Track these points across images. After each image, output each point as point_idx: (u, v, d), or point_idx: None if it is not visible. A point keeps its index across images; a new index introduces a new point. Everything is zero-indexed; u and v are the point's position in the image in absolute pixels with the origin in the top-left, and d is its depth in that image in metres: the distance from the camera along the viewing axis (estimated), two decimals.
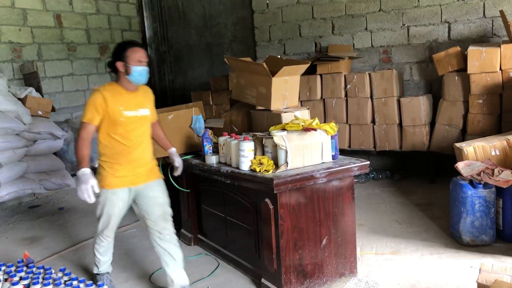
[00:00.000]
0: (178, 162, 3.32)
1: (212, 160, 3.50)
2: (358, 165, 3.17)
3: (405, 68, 5.89)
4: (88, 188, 2.77)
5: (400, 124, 5.55)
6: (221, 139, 3.45)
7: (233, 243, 3.56)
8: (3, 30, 5.96)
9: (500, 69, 4.70)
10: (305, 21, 6.51)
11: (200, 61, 7.93)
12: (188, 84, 8.09)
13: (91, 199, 2.80)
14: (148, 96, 3.12)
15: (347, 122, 5.87)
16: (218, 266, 3.58)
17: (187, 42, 8.02)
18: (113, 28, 7.55)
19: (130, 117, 2.94)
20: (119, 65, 2.89)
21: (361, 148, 5.79)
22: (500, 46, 4.69)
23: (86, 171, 2.81)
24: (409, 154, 5.58)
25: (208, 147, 3.57)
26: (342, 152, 3.73)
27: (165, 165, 4.08)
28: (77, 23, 6.94)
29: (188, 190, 3.97)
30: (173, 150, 3.33)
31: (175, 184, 3.97)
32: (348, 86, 5.79)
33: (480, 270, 2.50)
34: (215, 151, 3.58)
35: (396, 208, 4.68)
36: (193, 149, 3.91)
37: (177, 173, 3.34)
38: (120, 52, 2.91)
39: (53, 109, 5.78)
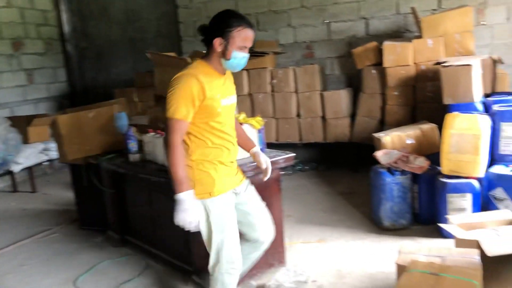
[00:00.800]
0: (266, 162, 2.64)
1: (136, 158, 3.41)
2: (284, 157, 3.23)
3: (327, 63, 6.09)
4: (194, 220, 2.25)
5: (324, 117, 5.74)
6: (146, 136, 3.37)
7: (163, 242, 3.51)
8: None
9: (413, 62, 5.00)
10: None
11: (124, 57, 7.69)
12: (111, 81, 7.81)
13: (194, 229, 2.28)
14: (232, 80, 2.51)
15: (274, 116, 5.97)
16: (147, 266, 3.51)
17: (109, 38, 7.73)
18: (27, 22, 7.10)
19: (225, 106, 2.35)
20: (217, 42, 2.22)
21: (288, 141, 5.92)
22: (412, 41, 4.99)
23: (191, 194, 2.22)
24: (332, 145, 5.80)
25: (132, 145, 3.48)
26: (270, 145, 3.78)
27: (88, 165, 3.93)
28: None
29: (114, 191, 3.84)
30: (257, 149, 2.69)
31: (98, 185, 3.83)
32: (274, 81, 5.89)
33: (399, 252, 2.66)
34: (140, 149, 3.50)
35: (321, 197, 4.85)
36: (117, 148, 3.79)
37: (267, 177, 2.67)
38: (223, 26, 2.22)
39: None
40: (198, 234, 2.97)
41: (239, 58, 2.27)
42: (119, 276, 3.37)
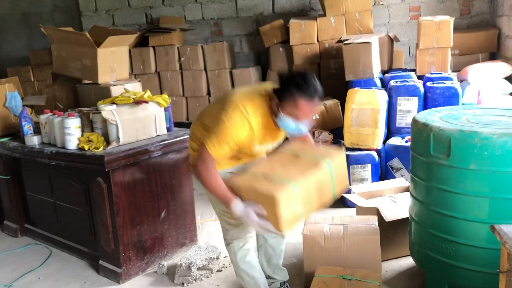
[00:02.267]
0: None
1: (33, 141, 3.17)
2: None
3: (236, 41, 6.07)
4: (256, 218, 2.03)
5: None
6: (43, 117, 3.14)
7: (66, 229, 3.32)
8: None
9: (318, 40, 5.15)
10: None
11: (16, 33, 7.05)
12: (3, 59, 7.14)
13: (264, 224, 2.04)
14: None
15: (183, 95, 5.85)
16: (50, 254, 3.32)
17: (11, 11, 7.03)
18: None
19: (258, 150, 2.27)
20: (279, 103, 2.08)
21: None
22: (316, 19, 5.13)
23: (238, 201, 2.06)
24: None
25: (27, 127, 3.23)
26: (181, 125, 3.72)
27: None
28: None
29: (8, 177, 3.55)
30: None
31: None
32: (182, 59, 5.76)
33: (305, 222, 2.76)
34: (37, 131, 3.26)
35: None
36: (11, 131, 3.50)
37: None
38: (293, 91, 2.04)
39: None
40: (102, 218, 2.87)
41: (288, 126, 2.14)
42: (19, 267, 3.16)
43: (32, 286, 2.95)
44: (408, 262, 2.84)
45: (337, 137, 3.95)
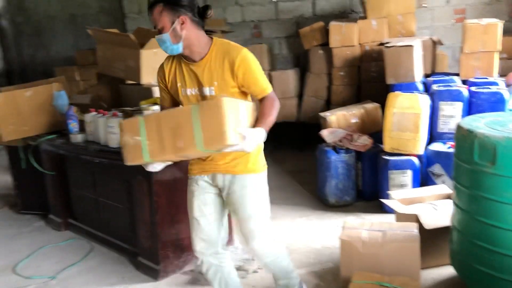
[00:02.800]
0: None
1: (78, 138, 3.29)
2: None
3: (275, 43, 6.09)
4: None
5: None
6: (88, 116, 3.25)
7: (107, 224, 3.42)
8: None
9: (358, 43, 5.09)
10: None
11: (64, 33, 7.33)
12: (51, 59, 7.43)
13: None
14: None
15: None
16: (91, 249, 3.42)
17: (48, 13, 7.33)
18: None
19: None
20: None
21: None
22: (357, 22, 5.07)
23: None
24: (280, 125, 5.78)
25: (73, 125, 3.35)
26: None
27: (27, 146, 3.75)
28: None
29: (54, 173, 3.69)
30: None
31: (38, 167, 3.67)
32: None
33: (343, 227, 2.74)
34: (82, 129, 3.37)
35: (268, 176, 4.83)
36: (57, 128, 3.64)
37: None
38: None
39: None
40: (142, 215, 2.93)
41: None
42: (62, 261, 3.27)
43: (74, 279, 3.06)
44: (448, 271, 2.76)
45: (377, 141, 3.89)
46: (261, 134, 2.06)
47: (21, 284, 3.02)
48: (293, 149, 5.79)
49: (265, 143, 2.28)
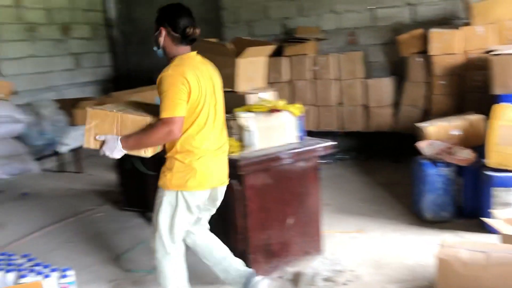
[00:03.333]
0: None
1: None
2: (323, 145, 3.21)
3: (371, 50, 5.94)
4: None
5: (366, 105, 5.63)
6: None
7: None
8: None
9: (460, 51, 4.81)
10: (272, 2, 6.47)
11: None
12: (154, 66, 7.90)
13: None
14: None
15: (315, 104, 5.91)
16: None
17: (153, 23, 7.82)
18: (75, 8, 7.31)
19: None
20: None
21: (328, 129, 5.86)
22: (460, 28, 4.79)
23: None
24: (374, 134, 5.69)
25: None
26: (310, 134, 3.76)
27: None
28: (37, 2, 6.68)
29: (155, 173, 3.91)
30: None
31: (140, 168, 3.93)
32: (316, 68, 5.82)
33: (440, 245, 2.60)
34: None
35: (361, 187, 4.78)
36: None
37: None
38: None
39: (14, 92, 5.58)
40: (234, 219, 3.02)
41: None
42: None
43: None
44: None
45: (481, 155, 3.63)
46: (113, 142, 2.37)
47: (122, 276, 3.25)
48: (387, 160, 5.60)
49: (358, 153, 2.26)
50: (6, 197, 5.21)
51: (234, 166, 2.88)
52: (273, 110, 3.14)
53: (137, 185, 4.21)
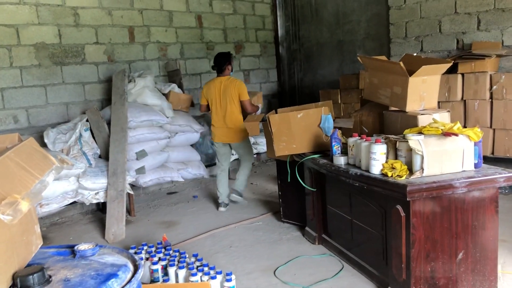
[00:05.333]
0: None
1: (340, 161, 3.44)
2: (504, 176, 2.87)
3: None
4: None
5: None
6: (351, 140, 3.38)
7: (359, 247, 3.48)
8: (152, 31, 6.55)
9: None
10: (446, 16, 6.07)
11: (330, 59, 7.87)
12: (316, 82, 8.09)
13: None
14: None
15: (491, 127, 5.35)
16: (342, 268, 3.53)
17: (318, 40, 8.01)
18: (248, 27, 7.85)
19: None
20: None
21: (506, 155, 5.24)
22: None
23: None
24: None
25: (336, 148, 3.53)
26: (484, 159, 3.39)
27: (292, 162, 4.14)
28: (216, 23, 7.36)
29: (315, 189, 3.96)
30: None
31: (301, 183, 4.00)
32: (494, 87, 5.27)
33: None
34: (344, 152, 3.52)
35: None
36: (321, 149, 3.89)
37: None
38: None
39: (192, 104, 6.21)
40: (396, 246, 2.87)
41: None
42: (315, 273, 3.47)
43: None
44: None
45: None
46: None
47: (280, 287, 3.33)
48: None
49: None
50: (180, 198, 5.80)
51: (400, 191, 2.75)
52: (447, 134, 2.92)
53: (296, 199, 4.31)
